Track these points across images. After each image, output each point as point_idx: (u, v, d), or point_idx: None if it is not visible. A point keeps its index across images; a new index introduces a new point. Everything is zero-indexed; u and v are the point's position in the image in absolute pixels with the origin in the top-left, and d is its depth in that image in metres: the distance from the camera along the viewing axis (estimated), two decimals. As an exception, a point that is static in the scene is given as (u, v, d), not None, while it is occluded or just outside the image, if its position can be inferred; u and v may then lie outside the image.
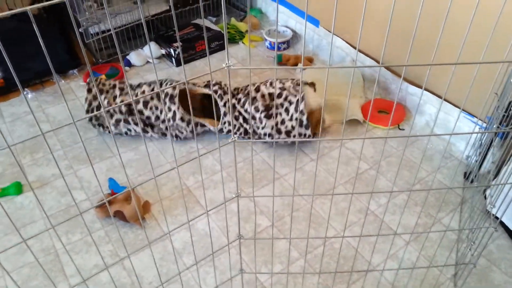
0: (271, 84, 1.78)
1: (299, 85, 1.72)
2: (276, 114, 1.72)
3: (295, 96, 1.72)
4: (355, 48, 2.15)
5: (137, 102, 1.78)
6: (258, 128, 1.75)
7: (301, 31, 2.46)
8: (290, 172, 1.73)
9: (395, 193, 1.66)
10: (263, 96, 1.76)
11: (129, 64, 2.29)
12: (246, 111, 1.76)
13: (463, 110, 1.76)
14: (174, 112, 1.77)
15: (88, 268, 1.44)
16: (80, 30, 2.21)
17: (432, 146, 1.84)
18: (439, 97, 1.83)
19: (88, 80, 1.85)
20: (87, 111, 1.81)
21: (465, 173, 1.73)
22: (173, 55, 2.25)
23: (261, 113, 1.73)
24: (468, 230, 1.50)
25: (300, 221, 1.57)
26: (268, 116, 1.72)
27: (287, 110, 1.72)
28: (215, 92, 1.78)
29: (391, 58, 2.00)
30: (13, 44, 2.24)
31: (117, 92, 1.81)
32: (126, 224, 1.56)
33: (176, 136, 1.84)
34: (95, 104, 1.80)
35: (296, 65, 2.27)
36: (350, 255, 1.46)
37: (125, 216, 1.52)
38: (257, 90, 1.78)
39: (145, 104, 1.78)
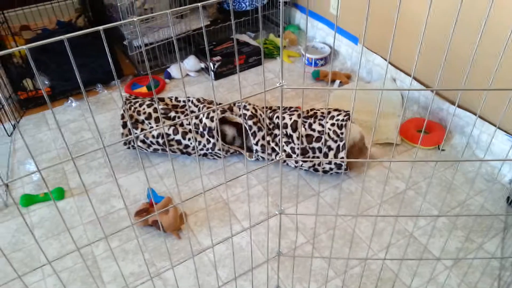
0: (310, 125, 1.72)
1: (339, 127, 1.68)
2: (314, 156, 1.70)
3: (335, 141, 1.67)
4: (395, 66, 2.13)
5: (176, 133, 1.80)
6: (296, 167, 1.75)
7: (339, 48, 2.46)
8: (327, 189, 1.72)
9: (433, 217, 1.62)
10: (300, 137, 1.73)
11: (169, 76, 2.34)
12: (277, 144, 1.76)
13: (507, 133, 1.71)
14: (214, 144, 1.79)
15: (125, 275, 1.46)
16: (124, 42, 2.28)
17: (473, 169, 1.79)
18: (482, 118, 1.78)
19: (122, 107, 1.85)
20: (123, 126, 1.83)
21: (508, 198, 1.67)
22: (213, 69, 2.29)
23: (297, 156, 1.72)
24: (512, 258, 1.45)
25: (336, 239, 1.55)
26: (304, 160, 1.73)
27: (326, 155, 1.69)
28: (250, 128, 1.77)
29: (432, 75, 1.97)
30: (60, 55, 2.34)
31: (153, 123, 1.81)
32: (162, 234, 1.58)
33: (214, 158, 1.86)
34: (130, 138, 1.83)
35: (334, 80, 2.27)
36: (387, 277, 1.43)
37: (163, 226, 1.54)
38: (294, 130, 1.74)
39: (184, 135, 1.80)
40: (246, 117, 1.75)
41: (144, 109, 1.82)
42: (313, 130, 1.71)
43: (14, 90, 2.14)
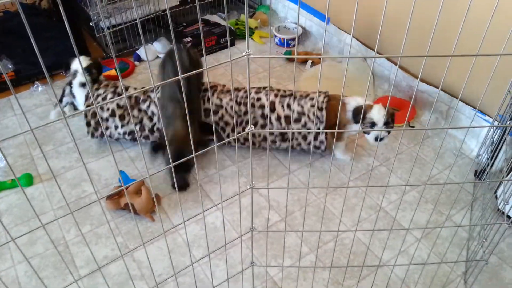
0: (288, 106, 1.69)
1: (320, 110, 1.65)
2: (292, 138, 1.68)
3: (316, 124, 1.66)
4: (366, 46, 2.14)
5: (143, 130, 1.76)
6: (271, 149, 1.74)
7: (311, 28, 2.45)
8: (300, 168, 1.73)
9: (405, 190, 1.65)
10: (278, 118, 1.69)
11: (138, 58, 2.29)
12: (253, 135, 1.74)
13: (473, 107, 1.75)
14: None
15: (98, 260, 1.44)
16: (91, 23, 2.21)
17: (442, 144, 1.83)
18: (450, 94, 1.82)
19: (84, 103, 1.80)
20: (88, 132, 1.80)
21: (476, 171, 1.72)
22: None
23: (276, 136, 1.72)
24: (479, 228, 1.49)
25: (310, 215, 1.56)
26: (284, 140, 1.72)
27: (305, 138, 1.70)
28: (217, 123, 1.75)
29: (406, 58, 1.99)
30: (23, 38, 2.25)
31: (118, 122, 1.75)
32: (135, 217, 1.56)
33: None
34: (97, 133, 1.80)
35: (306, 60, 2.26)
36: (360, 251, 1.46)
37: (136, 208, 1.52)
38: (272, 110, 1.70)
39: (151, 132, 1.77)
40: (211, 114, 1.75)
41: (107, 104, 1.76)
42: (292, 111, 1.69)
43: (-24, 75, 2.06)
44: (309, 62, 2.25)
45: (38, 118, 1.97)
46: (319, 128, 1.65)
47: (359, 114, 1.56)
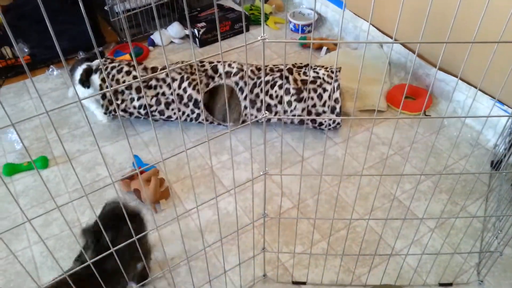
0: (304, 73, 1.76)
1: (333, 72, 1.70)
2: (308, 98, 1.70)
3: (330, 84, 1.70)
4: (382, 32, 2.11)
5: (159, 103, 1.76)
6: (286, 112, 1.73)
7: (326, 14, 2.42)
8: (313, 155, 1.72)
9: (420, 180, 1.63)
10: (295, 80, 1.74)
11: (153, 43, 2.29)
12: (271, 97, 1.73)
13: (492, 97, 1.72)
14: (198, 114, 1.76)
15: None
16: (106, 7, 2.21)
17: (459, 133, 1.80)
18: (468, 83, 1.78)
19: (99, 76, 1.79)
20: (102, 98, 1.79)
21: (492, 162, 1.69)
22: (197, 35, 2.24)
23: (291, 96, 1.71)
24: (494, 219, 1.47)
25: (322, 203, 1.56)
26: (299, 100, 1.70)
27: (320, 96, 1.70)
28: (236, 84, 1.76)
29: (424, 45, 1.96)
30: (39, 22, 2.26)
31: (134, 94, 1.76)
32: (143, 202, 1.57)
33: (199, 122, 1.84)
34: (111, 108, 1.80)
35: (321, 47, 2.24)
36: (373, 240, 1.45)
37: (142, 196, 1.53)
38: (290, 72, 1.76)
39: (167, 105, 1.76)
40: (232, 74, 1.72)
41: (123, 76, 1.76)
42: (306, 76, 1.77)
43: (-7, 58, 2.08)
44: (324, 48, 2.22)
45: (54, 102, 1.99)
46: (333, 87, 1.71)
47: None
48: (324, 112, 1.71)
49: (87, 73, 1.78)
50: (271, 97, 1.73)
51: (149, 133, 1.83)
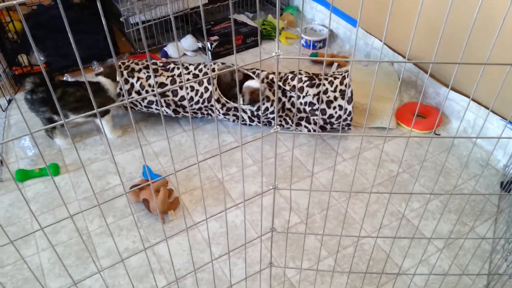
0: (318, 86, 1.85)
1: (340, 65, 1.81)
2: (319, 84, 1.77)
3: (341, 74, 1.80)
4: (393, 50, 2.12)
5: (173, 82, 1.79)
6: (299, 97, 1.77)
7: (337, 30, 2.44)
8: (322, 171, 1.72)
9: (428, 199, 1.63)
10: (307, 72, 1.85)
11: (166, 55, 2.32)
12: (284, 84, 1.80)
13: (502, 117, 1.71)
14: (211, 92, 1.78)
15: (120, 251, 1.46)
16: (120, 19, 2.25)
17: (468, 153, 1.80)
18: (479, 103, 1.79)
19: (120, 63, 1.86)
20: (119, 95, 1.84)
21: (502, 183, 1.68)
22: (210, 48, 2.27)
23: (304, 82, 1.78)
24: (503, 241, 1.46)
25: (330, 219, 1.56)
26: (311, 85, 1.76)
27: (331, 83, 1.77)
28: (262, 81, 1.81)
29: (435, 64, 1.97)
30: (55, 31, 2.30)
31: (151, 72, 1.82)
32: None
33: (208, 114, 1.86)
34: (126, 87, 1.81)
35: (332, 63, 2.25)
36: (380, 258, 1.44)
37: (150, 206, 1.54)
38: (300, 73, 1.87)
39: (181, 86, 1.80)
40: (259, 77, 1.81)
41: (142, 63, 1.86)
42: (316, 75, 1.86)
43: (9, 66, 2.12)
44: (335, 64, 2.24)
45: (67, 110, 2.01)
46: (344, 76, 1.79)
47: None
48: (335, 98, 1.74)
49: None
50: (284, 84, 1.81)
51: (160, 143, 1.85)
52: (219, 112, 1.83)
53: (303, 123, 1.81)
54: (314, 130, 1.79)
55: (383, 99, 2.01)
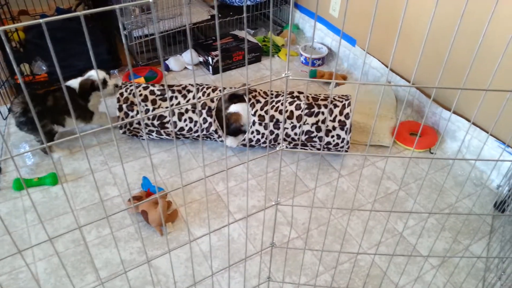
0: (316, 115, 1.83)
1: (343, 95, 1.80)
2: (318, 113, 1.76)
3: (341, 102, 1.78)
4: (391, 70, 2.16)
5: (172, 114, 1.81)
6: (294, 127, 1.76)
7: (336, 49, 2.49)
8: (319, 186, 1.74)
9: (423, 216, 1.65)
10: (306, 97, 1.82)
11: (167, 68, 2.35)
12: (280, 112, 1.79)
13: (497, 139, 1.75)
14: (210, 123, 1.80)
15: (116, 263, 1.46)
16: (124, 32, 2.28)
17: (463, 173, 1.83)
18: (475, 124, 1.82)
19: (121, 84, 1.88)
20: (119, 109, 1.84)
21: (496, 203, 1.71)
22: (211, 63, 2.30)
23: (302, 111, 1.76)
24: (497, 260, 1.48)
25: (327, 235, 1.57)
26: (310, 114, 1.75)
27: (331, 111, 1.76)
28: (249, 100, 1.81)
29: (428, 81, 2.01)
30: (59, 42, 2.33)
31: (150, 105, 1.83)
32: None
33: (207, 137, 1.88)
34: (125, 109, 1.83)
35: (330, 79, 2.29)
36: (376, 274, 1.46)
37: (148, 218, 1.55)
38: (301, 93, 1.86)
39: (180, 116, 1.81)
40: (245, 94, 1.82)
41: (140, 91, 1.83)
42: (315, 98, 1.84)
43: (11, 74, 2.13)
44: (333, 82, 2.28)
45: (67, 120, 2.03)
46: (344, 104, 1.78)
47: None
48: (334, 128, 1.74)
49: (90, 86, 1.85)
50: (280, 112, 1.78)
51: (160, 155, 1.87)
52: (217, 140, 1.87)
53: (299, 148, 1.82)
54: (318, 149, 1.81)
55: (380, 117, 2.04)
